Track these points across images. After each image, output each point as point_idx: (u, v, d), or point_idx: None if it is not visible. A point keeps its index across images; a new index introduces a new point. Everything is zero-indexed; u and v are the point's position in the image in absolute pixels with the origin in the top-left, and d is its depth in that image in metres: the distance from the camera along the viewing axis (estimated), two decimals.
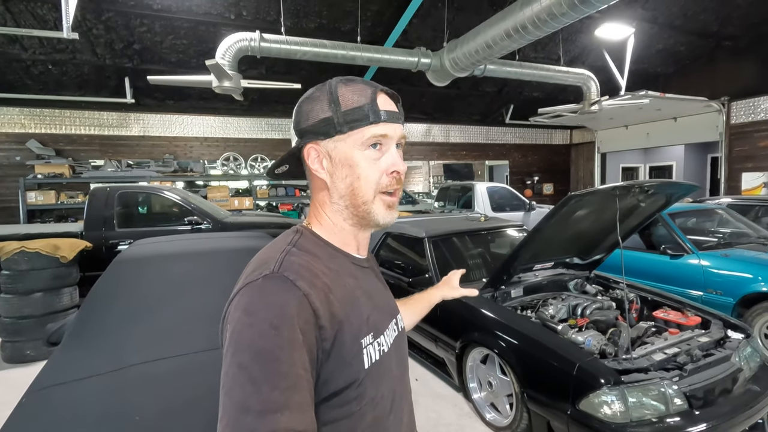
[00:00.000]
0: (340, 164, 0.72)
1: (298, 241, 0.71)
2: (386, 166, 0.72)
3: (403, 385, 0.80)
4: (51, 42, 6.20)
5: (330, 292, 0.64)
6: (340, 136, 0.71)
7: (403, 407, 0.79)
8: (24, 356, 3.80)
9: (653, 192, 2.59)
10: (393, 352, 0.75)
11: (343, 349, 0.63)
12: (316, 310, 0.60)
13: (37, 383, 1.80)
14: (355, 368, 0.65)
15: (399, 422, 0.76)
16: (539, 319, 2.72)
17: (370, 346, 0.68)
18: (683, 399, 2.03)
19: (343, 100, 0.71)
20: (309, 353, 0.58)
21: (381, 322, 0.74)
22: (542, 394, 2.28)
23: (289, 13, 6.01)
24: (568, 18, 3.88)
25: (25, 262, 3.77)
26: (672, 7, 6.93)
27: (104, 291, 2.39)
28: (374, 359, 0.68)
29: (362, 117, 0.70)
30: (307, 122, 0.74)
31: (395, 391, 0.75)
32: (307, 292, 0.60)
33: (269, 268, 0.63)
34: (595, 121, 10.08)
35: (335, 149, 0.72)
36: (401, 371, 0.80)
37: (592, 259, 3.31)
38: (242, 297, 0.61)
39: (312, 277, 0.63)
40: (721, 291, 3.60)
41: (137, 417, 1.53)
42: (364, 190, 0.72)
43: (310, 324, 0.59)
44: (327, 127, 0.71)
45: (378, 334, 0.71)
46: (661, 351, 2.28)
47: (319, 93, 0.74)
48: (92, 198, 4.95)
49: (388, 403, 0.72)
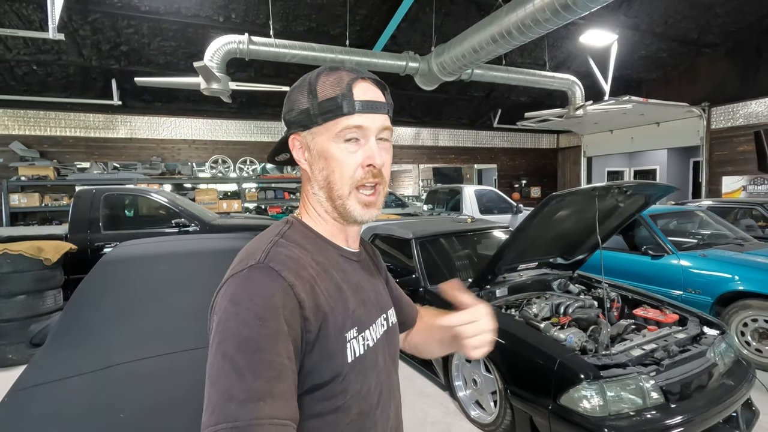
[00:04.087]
0: (317, 156, 0.71)
1: (287, 232, 0.71)
2: (361, 159, 0.69)
3: (390, 380, 0.79)
4: (36, 42, 6.14)
5: (316, 284, 0.64)
6: (316, 128, 0.70)
7: (391, 402, 0.79)
8: (6, 360, 3.74)
9: (632, 193, 2.67)
10: (380, 347, 0.75)
11: (327, 341, 0.63)
12: (301, 301, 0.60)
13: (19, 383, 1.79)
14: (338, 361, 0.65)
15: (386, 417, 0.76)
16: (523, 318, 2.77)
17: (354, 340, 0.68)
18: (660, 393, 2.09)
19: (320, 90, 0.69)
20: (294, 343, 0.59)
21: (367, 316, 0.73)
22: (525, 390, 2.33)
23: (278, 16, 6.04)
24: (552, 24, 3.97)
25: (7, 264, 3.72)
26: (653, 15, 7.12)
27: (89, 291, 2.38)
28: (358, 353, 0.68)
29: (335, 108, 0.68)
30: (290, 113, 0.73)
31: (383, 386, 0.75)
32: (292, 282, 0.61)
33: (255, 258, 0.63)
34: (581, 126, 10.26)
35: (313, 141, 0.71)
36: (389, 366, 0.79)
37: (575, 260, 3.38)
38: (228, 287, 0.61)
39: (298, 268, 0.63)
40: (699, 290, 3.70)
41: (122, 414, 1.53)
42: (338, 185, 0.70)
43: (295, 314, 0.59)
44: (305, 119, 0.70)
45: (363, 328, 0.71)
46: (639, 347, 2.34)
47: (301, 83, 0.73)
48: (77, 200, 4.89)
49: (375, 397, 0.72)
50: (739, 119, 8.26)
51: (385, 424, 0.76)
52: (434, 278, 3.39)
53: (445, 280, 2.57)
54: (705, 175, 8.80)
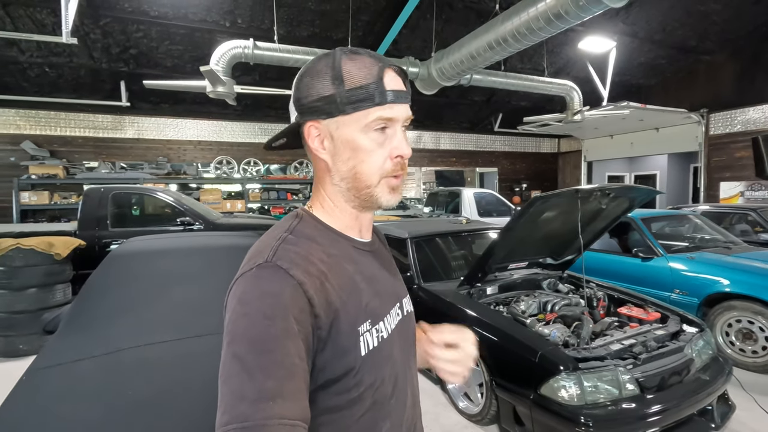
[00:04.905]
0: (342, 146, 0.68)
1: (296, 227, 0.69)
2: (390, 151, 0.68)
3: (406, 369, 0.77)
4: (48, 45, 6.34)
5: (326, 279, 0.63)
6: (343, 117, 0.66)
7: (407, 390, 0.77)
8: (17, 350, 3.90)
9: (615, 195, 2.79)
10: (396, 337, 0.73)
11: (340, 337, 0.63)
12: (310, 298, 0.59)
13: (35, 364, 1.93)
14: (352, 356, 0.64)
15: (402, 405, 0.75)
16: (510, 314, 2.89)
17: (367, 333, 0.66)
18: (635, 384, 2.21)
19: (348, 76, 0.65)
20: (305, 342, 0.58)
21: (381, 307, 0.72)
22: (509, 382, 2.45)
23: (283, 21, 6.21)
24: (546, 32, 4.11)
25: (20, 259, 3.89)
26: (651, 23, 7.24)
27: (99, 283, 2.53)
28: (372, 346, 0.67)
29: (367, 97, 0.65)
30: (307, 99, 0.68)
31: (398, 375, 0.73)
32: (301, 280, 0.60)
33: (263, 257, 0.62)
34: (581, 131, 10.36)
35: (337, 130, 0.68)
36: (405, 355, 0.78)
37: (564, 260, 3.50)
38: (237, 287, 0.61)
39: (307, 265, 0.62)
40: (686, 291, 3.80)
41: (129, 392, 1.67)
42: (367, 175, 0.68)
43: (305, 313, 0.59)
44: (329, 106, 0.66)
45: (377, 320, 0.69)
46: (619, 342, 2.46)
47: (322, 66, 0.68)
48: (86, 198, 5.06)
49: (389, 387, 0.71)
50: (737, 125, 8.35)
51: (401, 413, 0.75)
52: (428, 276, 3.52)
53: (439, 279, 2.77)
54: (703, 180, 8.88)
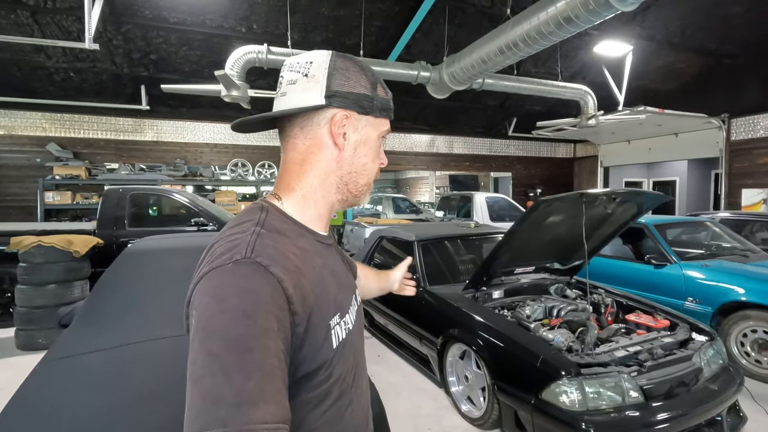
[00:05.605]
0: (363, 142, 0.75)
1: (265, 221, 0.67)
2: (382, 158, 0.80)
3: (362, 357, 0.82)
4: (73, 51, 6.59)
5: (302, 275, 0.62)
6: (372, 117, 0.75)
7: (363, 377, 0.81)
8: (36, 344, 4.04)
9: (621, 200, 2.75)
10: (356, 328, 0.77)
11: (315, 332, 0.63)
12: (289, 296, 0.59)
13: (49, 355, 2.02)
14: (325, 350, 0.65)
15: (360, 392, 0.78)
16: (515, 318, 2.87)
17: (337, 326, 0.68)
18: (639, 392, 2.17)
19: (380, 85, 0.76)
20: (284, 341, 0.57)
21: (345, 299, 0.74)
22: (510, 386, 2.44)
23: (297, 27, 6.33)
24: (556, 36, 4.09)
25: (41, 255, 4.04)
26: (669, 26, 7.11)
27: (113, 279, 2.62)
28: (341, 338, 0.69)
29: (388, 109, 0.78)
30: (346, 87, 0.72)
31: (357, 365, 0.77)
32: (280, 278, 0.58)
33: (240, 252, 0.60)
34: (597, 135, 10.21)
35: (365, 127, 0.75)
36: (360, 343, 0.82)
37: (572, 265, 3.46)
38: (210, 281, 0.58)
39: (285, 261, 0.61)
40: (700, 300, 3.71)
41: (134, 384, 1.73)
42: (371, 173, 0.78)
43: (284, 311, 0.58)
44: (367, 104, 0.73)
45: (344, 312, 0.72)
46: (624, 348, 2.42)
47: (359, 68, 0.74)
48: (105, 198, 5.23)
49: (351, 376, 0.74)
50: (760, 131, 8.11)
51: (359, 400, 0.78)
52: (434, 279, 3.53)
53: (445, 282, 2.85)
54: (724, 187, 8.64)
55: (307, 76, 0.72)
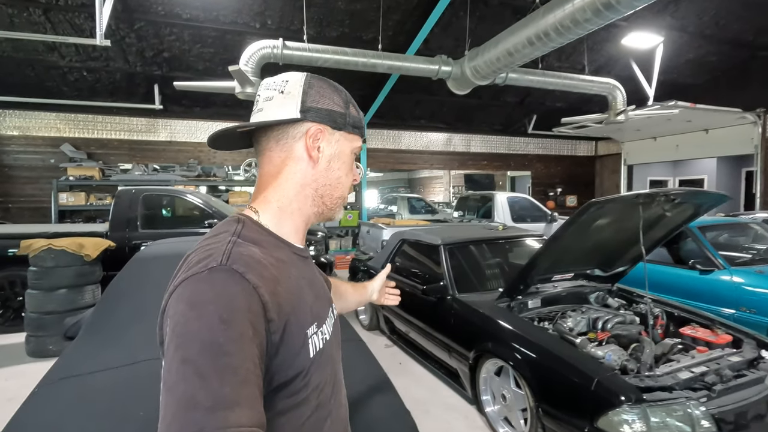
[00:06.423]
0: (336, 157, 0.78)
1: (241, 232, 0.68)
2: (354, 174, 0.85)
3: (340, 369, 0.83)
4: (86, 50, 6.49)
5: (278, 283, 0.63)
6: (345, 133, 0.78)
7: (341, 390, 0.82)
8: (46, 351, 3.91)
9: (680, 201, 2.48)
10: (333, 339, 0.78)
11: (291, 340, 0.63)
12: (265, 303, 0.59)
13: (50, 374, 1.83)
14: (302, 358, 0.65)
15: (339, 405, 0.79)
16: (557, 332, 2.62)
17: (314, 336, 0.69)
18: (711, 422, 1.90)
19: (353, 105, 0.80)
20: (259, 347, 0.57)
21: (323, 309, 0.76)
22: (558, 410, 2.18)
23: (312, 21, 6.12)
24: (593, 24, 3.80)
25: (51, 259, 3.90)
26: (703, 17, 6.74)
27: (121, 288, 2.44)
28: (318, 348, 0.69)
29: (360, 127, 0.82)
30: (318, 103, 0.75)
31: (336, 376, 0.79)
32: (256, 284, 0.59)
33: (216, 260, 0.60)
34: (621, 133, 9.82)
35: (338, 142, 0.78)
36: (338, 356, 0.83)
37: (615, 272, 3.18)
38: (185, 289, 0.58)
39: (261, 269, 0.62)
40: (755, 309, 3.40)
41: (141, 413, 1.53)
42: (344, 187, 0.81)
43: (259, 317, 0.58)
44: (340, 120, 0.77)
45: (321, 323, 0.72)
46: (688, 369, 2.15)
47: (333, 87, 0.78)
48: (118, 200, 5.10)
49: (330, 387, 0.74)
50: None
51: (338, 411, 0.78)
52: (463, 286, 3.28)
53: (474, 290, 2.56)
54: (759, 185, 8.19)
55: (283, 92, 0.75)
